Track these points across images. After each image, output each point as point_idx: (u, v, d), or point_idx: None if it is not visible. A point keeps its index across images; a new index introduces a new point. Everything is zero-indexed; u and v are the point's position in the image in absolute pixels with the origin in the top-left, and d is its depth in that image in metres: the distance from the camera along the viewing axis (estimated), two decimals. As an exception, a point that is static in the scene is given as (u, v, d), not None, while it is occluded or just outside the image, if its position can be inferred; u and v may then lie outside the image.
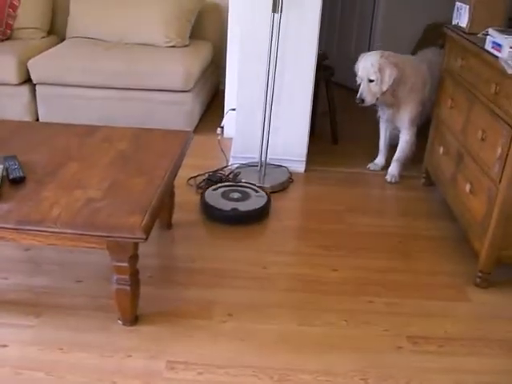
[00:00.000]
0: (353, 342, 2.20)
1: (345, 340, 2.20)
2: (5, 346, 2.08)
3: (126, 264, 2.03)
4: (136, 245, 2.01)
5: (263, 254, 2.74)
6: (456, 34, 3.00)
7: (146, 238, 1.92)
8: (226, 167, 3.59)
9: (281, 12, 3.16)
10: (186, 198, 3.17)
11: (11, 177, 2.19)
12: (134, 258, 2.06)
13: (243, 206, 3.05)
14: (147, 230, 1.93)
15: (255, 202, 3.11)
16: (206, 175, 3.44)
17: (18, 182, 2.18)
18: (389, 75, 3.24)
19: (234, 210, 3.02)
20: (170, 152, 2.51)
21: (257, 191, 3.21)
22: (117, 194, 2.13)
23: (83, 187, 2.16)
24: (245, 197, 3.15)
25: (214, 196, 3.11)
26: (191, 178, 3.41)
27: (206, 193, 3.14)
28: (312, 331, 2.24)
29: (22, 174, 2.20)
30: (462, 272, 2.65)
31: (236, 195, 3.16)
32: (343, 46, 5.49)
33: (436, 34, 4.61)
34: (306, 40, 3.31)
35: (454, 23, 3.10)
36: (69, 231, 1.92)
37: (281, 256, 2.74)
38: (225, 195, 3.14)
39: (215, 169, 3.54)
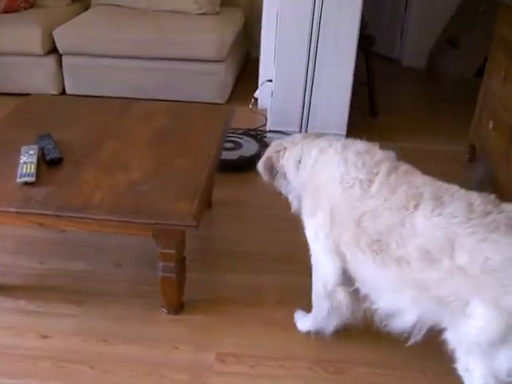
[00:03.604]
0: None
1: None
2: (46, 337, 1.98)
3: (172, 251, 1.90)
4: (184, 231, 1.88)
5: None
6: (512, 1, 2.80)
7: (197, 226, 1.79)
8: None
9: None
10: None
11: (48, 158, 2.06)
12: (182, 244, 1.93)
13: (244, 153, 3.11)
14: (198, 217, 1.80)
15: (249, 148, 3.18)
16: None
17: (55, 163, 2.06)
18: None
19: (241, 157, 3.08)
20: (213, 129, 2.36)
21: (243, 138, 3.25)
22: (161, 176, 2.00)
23: (125, 169, 2.03)
24: (237, 146, 3.19)
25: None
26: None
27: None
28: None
29: (59, 155, 2.07)
30: None
31: (229, 145, 3.13)
32: (377, 13, 5.22)
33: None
34: (348, 8, 3.10)
35: (509, -13, 2.90)
36: (114, 218, 1.80)
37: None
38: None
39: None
